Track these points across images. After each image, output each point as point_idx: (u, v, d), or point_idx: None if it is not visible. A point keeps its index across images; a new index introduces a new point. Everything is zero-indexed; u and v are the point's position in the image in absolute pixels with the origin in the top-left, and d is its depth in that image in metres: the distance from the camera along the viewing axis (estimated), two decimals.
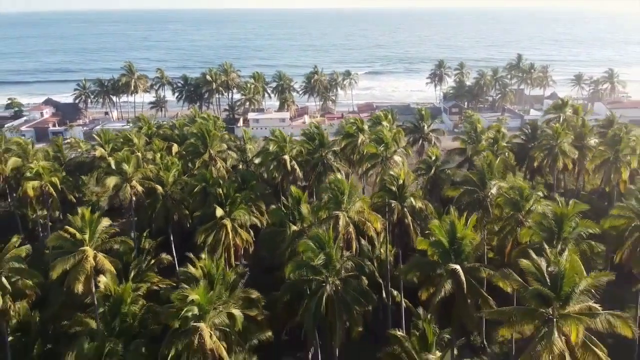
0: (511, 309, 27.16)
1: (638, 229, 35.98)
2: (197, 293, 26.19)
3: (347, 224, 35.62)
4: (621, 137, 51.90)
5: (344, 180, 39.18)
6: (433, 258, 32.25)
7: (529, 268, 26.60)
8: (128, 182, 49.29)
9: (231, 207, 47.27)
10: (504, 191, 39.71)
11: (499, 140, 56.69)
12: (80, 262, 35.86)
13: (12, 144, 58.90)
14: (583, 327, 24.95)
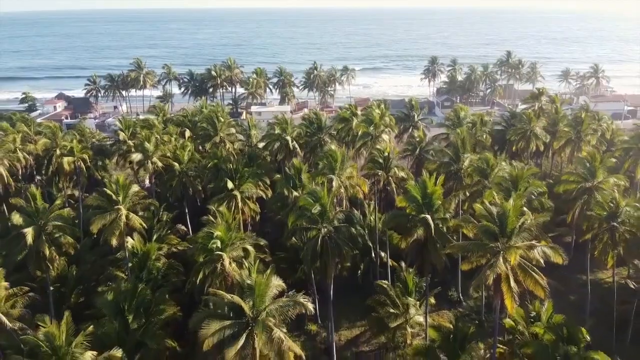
0: (468, 243, 34.08)
1: (585, 191, 42.93)
2: (219, 230, 33.10)
3: (340, 186, 42.60)
4: (582, 119, 58.82)
5: (337, 150, 46.15)
6: (409, 211, 39.14)
7: (481, 212, 33.54)
8: (149, 159, 56.24)
9: (240, 181, 54.03)
10: (474, 162, 46.65)
11: (477, 124, 63.57)
12: (115, 219, 42.74)
13: (42, 127, 65.84)
14: (521, 253, 31.84)
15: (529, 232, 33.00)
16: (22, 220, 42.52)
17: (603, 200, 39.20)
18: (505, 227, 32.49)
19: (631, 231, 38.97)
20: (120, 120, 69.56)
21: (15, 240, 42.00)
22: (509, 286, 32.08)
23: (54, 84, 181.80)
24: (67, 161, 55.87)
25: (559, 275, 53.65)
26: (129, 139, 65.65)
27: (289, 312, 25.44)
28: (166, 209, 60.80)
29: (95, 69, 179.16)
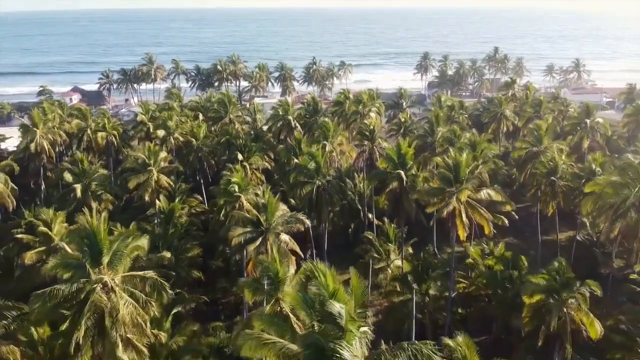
0: (430, 188, 43.47)
1: (533, 155, 52.40)
2: (237, 177, 42.53)
3: (332, 150, 52.09)
4: (541, 101, 68.30)
5: (330, 122, 55.58)
6: (387, 169, 48.58)
7: (440, 163, 42.98)
8: (171, 135, 65.78)
9: (248, 154, 63.39)
10: (444, 134, 56.13)
11: (455, 107, 73.06)
12: (148, 178, 52.18)
13: (74, 110, 75.38)
14: (470, 194, 41.25)
15: (477, 179, 42.41)
16: (72, 178, 51.97)
17: (545, 160, 48.62)
18: (459, 174, 41.85)
19: (567, 185, 48.35)
20: (141, 105, 79.08)
21: (67, 194, 51.50)
22: (461, 219, 41.49)
23: (68, 78, 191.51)
24: (101, 136, 65.49)
25: (524, 237, 63.25)
26: (149, 121, 75.19)
27: (292, 226, 34.83)
28: (183, 182, 70.36)
29: (106, 64, 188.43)
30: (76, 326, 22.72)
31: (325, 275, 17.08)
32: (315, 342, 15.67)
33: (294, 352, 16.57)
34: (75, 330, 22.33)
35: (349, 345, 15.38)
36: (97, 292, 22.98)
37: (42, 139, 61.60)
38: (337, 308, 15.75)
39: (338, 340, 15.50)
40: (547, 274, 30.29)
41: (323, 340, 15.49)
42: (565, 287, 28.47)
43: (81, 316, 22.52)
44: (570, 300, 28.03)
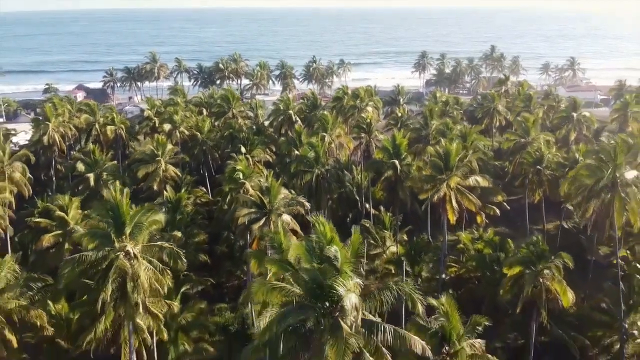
0: (422, 175, 46.42)
1: (521, 146, 55.31)
2: (241, 165, 45.43)
3: (331, 142, 54.99)
4: (531, 96, 71.30)
5: (329, 114, 58.50)
6: (382, 159, 51.48)
7: (431, 152, 45.88)
8: (177, 128, 68.70)
9: (251, 147, 66.29)
10: (437, 127, 59.04)
11: (449, 102, 75.96)
12: (157, 168, 55.08)
13: (83, 105, 78.29)
14: (459, 181, 44.14)
15: (467, 167, 45.34)
16: (84, 168, 54.89)
17: (532, 151, 51.54)
18: (449, 162, 44.75)
19: (553, 173, 51.25)
20: (147, 101, 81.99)
21: (79, 184, 54.43)
22: (451, 204, 44.41)
23: (72, 77, 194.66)
24: (110, 129, 68.44)
25: (515, 227, 66.17)
26: (155, 116, 78.12)
27: (293, 208, 37.74)
28: (188, 174, 73.33)
29: (109, 63, 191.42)
30: (101, 289, 25.60)
31: (324, 225, 20.00)
32: (315, 278, 18.59)
33: (297, 294, 19.40)
34: (101, 292, 25.20)
35: (343, 282, 18.29)
36: (120, 258, 25.88)
37: (54, 132, 64.54)
38: (333, 252, 18.66)
39: (334, 278, 18.42)
40: (525, 247, 33.20)
41: (321, 277, 18.42)
42: (541, 258, 31.32)
43: (106, 280, 25.39)
44: (545, 270, 30.87)
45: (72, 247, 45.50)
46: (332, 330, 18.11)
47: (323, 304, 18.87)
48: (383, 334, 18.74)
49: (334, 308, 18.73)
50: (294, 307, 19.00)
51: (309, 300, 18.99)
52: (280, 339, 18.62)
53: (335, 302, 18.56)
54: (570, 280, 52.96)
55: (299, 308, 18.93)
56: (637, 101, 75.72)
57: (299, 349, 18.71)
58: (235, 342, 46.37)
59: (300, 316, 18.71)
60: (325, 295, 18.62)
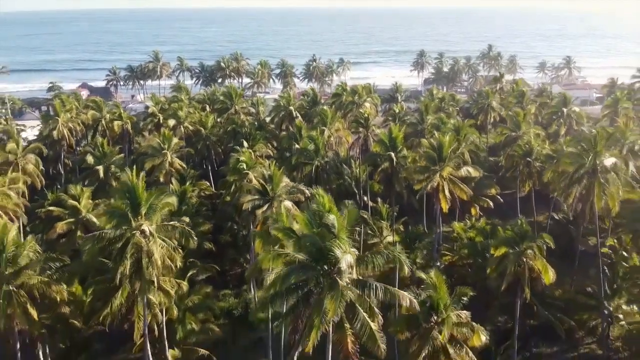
0: (417, 167, 48.81)
1: (512, 139, 57.71)
2: (245, 156, 47.84)
3: (330, 135, 57.38)
4: (524, 92, 73.79)
5: (328, 109, 60.91)
6: (380, 152, 53.85)
7: (425, 144, 48.27)
8: (182, 124, 71.10)
9: (253, 142, 68.68)
10: (432, 121, 61.45)
11: (445, 98, 78.40)
12: (163, 161, 57.43)
13: (89, 102, 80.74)
14: (451, 171, 46.53)
15: (459, 158, 47.75)
16: (93, 160, 57.30)
17: (522, 144, 53.94)
18: (442, 154, 47.16)
19: (542, 165, 53.63)
20: (151, 98, 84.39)
21: (89, 176, 56.84)
22: (444, 194, 46.83)
23: (75, 75, 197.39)
24: (117, 124, 70.90)
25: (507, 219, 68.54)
26: (159, 112, 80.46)
27: (294, 195, 40.12)
28: (192, 169, 75.72)
29: (111, 62, 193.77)
30: (119, 265, 28.00)
31: (323, 197, 22.40)
32: (315, 242, 21.04)
33: (300, 259, 21.75)
34: (119, 267, 27.59)
35: (340, 245, 20.70)
36: (136, 236, 28.27)
37: (63, 127, 66.91)
38: (331, 219, 21.08)
39: (332, 241, 20.86)
40: (510, 230, 35.58)
41: (321, 241, 20.85)
42: (524, 239, 33.67)
43: (124, 256, 27.78)
44: (528, 250, 33.22)
45: (83, 234, 48.03)
46: (330, 286, 20.57)
47: (322, 267, 21.33)
48: (375, 291, 21.16)
49: (332, 270, 21.20)
50: (297, 267, 21.51)
51: (310, 262, 21.47)
52: (284, 296, 21.06)
53: (333, 264, 21.04)
54: (559, 268, 55.42)
55: (301, 268, 21.46)
56: (628, 97, 78.24)
57: (300, 305, 21.13)
58: (239, 326, 48.93)
59: (302, 276, 21.21)
60: (324, 257, 21.08)
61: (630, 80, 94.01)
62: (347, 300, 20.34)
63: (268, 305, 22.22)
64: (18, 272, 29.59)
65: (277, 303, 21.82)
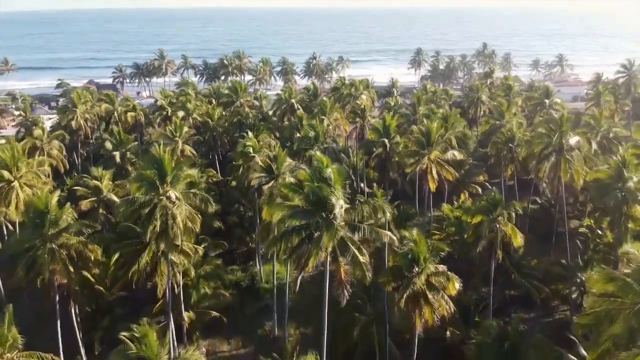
0: (408, 151, 53.64)
1: (496, 128, 62.59)
2: (251, 141, 52.72)
3: (329, 124, 62.31)
4: (511, 86, 78.79)
5: (328, 100, 65.80)
6: (374, 139, 58.76)
7: (415, 130, 53.15)
8: (190, 115, 76.00)
9: (257, 132, 73.48)
10: (424, 112, 66.37)
11: (437, 92, 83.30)
12: (175, 147, 62.25)
13: (102, 95, 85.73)
14: (438, 155, 51.41)
15: (446, 143, 52.64)
16: (111, 146, 62.23)
17: (504, 131, 58.81)
18: (430, 139, 52.05)
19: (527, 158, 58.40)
20: (160, 92, 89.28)
21: (107, 161, 61.74)
22: (432, 175, 51.71)
23: (81, 73, 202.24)
24: (131, 115, 75.93)
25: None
26: (168, 105, 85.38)
27: (296, 173, 44.96)
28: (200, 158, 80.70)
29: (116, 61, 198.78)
30: (148, 226, 32.90)
31: (322, 157, 27.33)
32: (315, 192, 25.96)
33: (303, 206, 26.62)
34: (150, 225, 32.47)
35: (335, 193, 25.61)
36: (163, 201, 33.15)
37: (80, 118, 71.83)
38: (328, 173, 25.98)
39: (329, 191, 25.80)
40: (485, 200, 40.44)
41: (319, 191, 25.77)
42: (496, 207, 38.48)
43: (152, 217, 32.68)
44: (499, 217, 38.06)
45: (105, 212, 53.00)
46: (327, 227, 25.53)
47: (321, 214, 26.28)
48: (363, 231, 26.10)
49: (328, 216, 26.13)
50: (300, 210, 26.50)
51: (311, 209, 26.47)
52: (291, 234, 26.03)
53: (330, 210, 25.98)
54: (539, 247, 60.45)
55: (303, 212, 26.44)
56: (610, 91, 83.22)
57: (303, 245, 26.07)
58: (246, 295, 53.86)
59: (304, 219, 26.15)
60: (323, 205, 26.02)
61: (614, 75, 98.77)
62: (340, 237, 25.34)
63: (279, 240, 26.96)
64: (59, 233, 34.46)
65: (284, 241, 26.70)
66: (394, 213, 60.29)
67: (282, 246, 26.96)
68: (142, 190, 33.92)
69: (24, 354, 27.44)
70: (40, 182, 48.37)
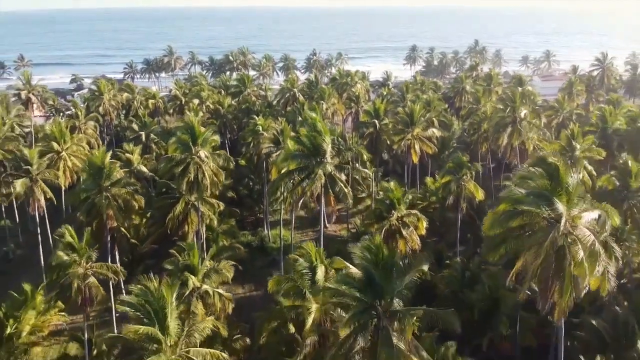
0: (393, 129, 62.66)
1: (473, 112, 71.65)
2: (260, 121, 61.81)
3: (327, 108, 71.42)
4: (491, 75, 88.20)
5: (326, 87, 74.92)
6: (366, 120, 67.80)
7: (400, 112, 62.21)
8: (204, 103, 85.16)
9: (264, 117, 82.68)
10: (411, 98, 75.47)
11: (425, 82, 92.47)
12: None
13: (124, 86, 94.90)
14: (420, 132, 60.48)
15: (427, 122, 61.70)
16: (138, 127, 71.36)
17: (479, 113, 67.91)
18: (413, 118, 61.07)
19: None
20: (175, 83, 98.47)
21: (134, 139, 70.85)
22: (415, 149, 60.78)
23: (92, 69, 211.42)
24: (152, 102, 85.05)
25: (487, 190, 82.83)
26: (182, 95, 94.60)
27: None
28: None
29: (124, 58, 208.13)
30: (183, 178, 42.01)
31: (313, 116, 36.63)
32: (311, 139, 35.25)
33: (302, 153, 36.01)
34: (185, 177, 41.58)
35: (325, 141, 34.85)
36: (195, 159, 42.28)
37: (107, 104, 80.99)
38: (319, 126, 35.16)
39: (321, 139, 35.08)
40: (452, 162, 49.51)
41: (314, 139, 35.05)
42: (461, 168, 47.47)
43: (187, 170, 41.80)
44: (464, 176, 47.10)
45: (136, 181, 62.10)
46: (321, 166, 34.87)
47: (316, 158, 35.55)
48: (347, 170, 35.28)
49: (322, 159, 35.45)
50: (300, 154, 35.91)
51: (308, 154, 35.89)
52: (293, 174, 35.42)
53: (322, 155, 35.28)
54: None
55: (302, 155, 35.82)
56: (581, 81, 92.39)
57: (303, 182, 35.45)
58: (256, 252, 62.92)
59: (303, 162, 35.50)
60: (317, 150, 35.25)
61: (589, 68, 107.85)
62: (329, 173, 34.71)
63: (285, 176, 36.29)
64: (112, 184, 43.59)
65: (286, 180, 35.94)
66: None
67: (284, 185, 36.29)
68: (179, 151, 43.04)
69: (96, 264, 36.53)
70: (83, 154, 57.34)
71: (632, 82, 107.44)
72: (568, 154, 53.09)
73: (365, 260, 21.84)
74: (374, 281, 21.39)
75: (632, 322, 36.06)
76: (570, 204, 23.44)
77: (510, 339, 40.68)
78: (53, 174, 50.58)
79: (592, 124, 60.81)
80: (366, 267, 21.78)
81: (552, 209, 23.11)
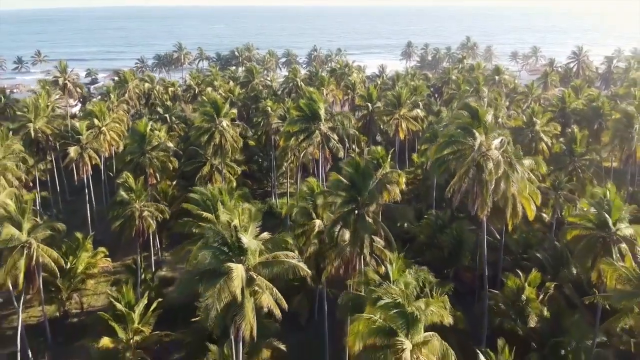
0: (383, 110, 72.85)
1: (454, 96, 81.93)
2: (269, 103, 72.16)
3: (327, 94, 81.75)
4: (473, 66, 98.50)
5: (326, 76, 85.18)
6: (360, 104, 78.04)
7: (389, 95, 72.42)
8: (217, 90, 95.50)
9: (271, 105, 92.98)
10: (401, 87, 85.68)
11: (416, 74, 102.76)
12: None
13: (145, 76, 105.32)
14: (406, 113, 70.73)
15: (412, 104, 71.98)
16: (162, 110, 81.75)
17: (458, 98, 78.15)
18: (400, 100, 71.27)
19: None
20: (189, 74, 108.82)
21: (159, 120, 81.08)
22: (402, 127, 71.02)
23: (104, 64, 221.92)
24: (171, 90, 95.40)
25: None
26: (196, 85, 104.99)
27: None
28: None
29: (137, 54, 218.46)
30: (211, 143, 52.35)
31: (309, 89, 47.12)
32: (309, 106, 45.67)
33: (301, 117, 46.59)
34: (211, 142, 51.89)
35: (320, 108, 45.30)
36: (218, 127, 52.62)
37: (132, 91, 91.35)
38: (315, 97, 45.68)
39: (317, 106, 45.64)
40: (428, 133, 59.82)
41: (310, 106, 45.50)
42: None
43: (212, 139, 52.13)
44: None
45: None
46: (317, 127, 45.40)
47: (314, 122, 46.01)
48: (338, 131, 45.76)
49: (318, 122, 45.89)
50: (299, 118, 46.42)
51: (308, 118, 46.44)
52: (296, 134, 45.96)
53: (318, 119, 45.71)
54: None
55: (304, 119, 46.38)
56: (557, 72, 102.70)
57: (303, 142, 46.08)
58: (265, 217, 73.15)
59: (303, 125, 46.06)
60: (313, 115, 45.73)
61: (566, 60, 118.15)
62: (324, 132, 45.24)
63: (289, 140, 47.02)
64: (152, 149, 53.95)
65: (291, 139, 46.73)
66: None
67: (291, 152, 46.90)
68: (205, 121, 53.43)
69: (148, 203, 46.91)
70: (119, 130, 67.66)
71: (607, 74, 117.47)
72: (529, 128, 63.58)
73: (350, 169, 32.40)
74: (355, 183, 31.98)
75: (565, 253, 46.44)
76: (486, 136, 34.37)
77: (471, 270, 51.17)
78: (99, 143, 60.92)
79: (553, 104, 71.11)
80: (350, 174, 32.38)
81: (473, 138, 33.88)
